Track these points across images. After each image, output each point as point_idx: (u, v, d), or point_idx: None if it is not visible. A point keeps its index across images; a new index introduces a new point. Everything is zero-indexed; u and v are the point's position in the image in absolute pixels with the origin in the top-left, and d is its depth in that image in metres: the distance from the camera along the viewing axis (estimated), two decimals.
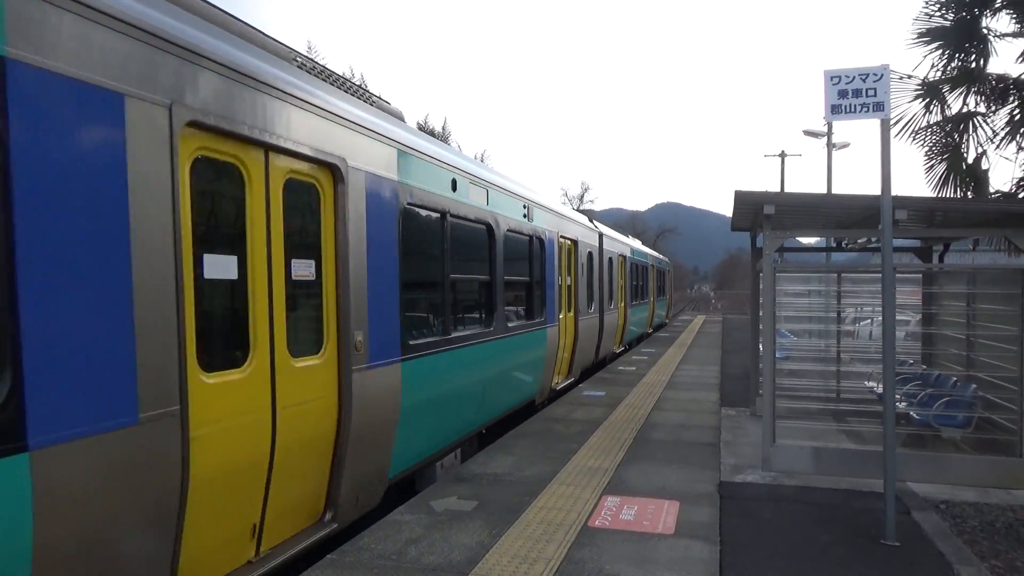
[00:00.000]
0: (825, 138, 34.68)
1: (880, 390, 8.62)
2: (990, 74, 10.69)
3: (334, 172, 6.03)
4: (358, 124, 6.39)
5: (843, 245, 11.28)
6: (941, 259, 10.89)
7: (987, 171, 10.87)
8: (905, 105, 11.02)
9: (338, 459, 6.21)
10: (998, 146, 10.56)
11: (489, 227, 9.42)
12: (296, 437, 5.62)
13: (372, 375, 6.51)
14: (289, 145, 5.43)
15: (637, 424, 11.43)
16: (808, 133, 35.37)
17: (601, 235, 17.49)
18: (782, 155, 43.92)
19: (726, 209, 10.38)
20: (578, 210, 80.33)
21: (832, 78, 6.91)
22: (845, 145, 35.18)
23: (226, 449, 4.93)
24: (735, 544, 6.58)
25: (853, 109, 6.87)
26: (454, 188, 8.24)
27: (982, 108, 10.82)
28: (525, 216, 10.85)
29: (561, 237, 12.82)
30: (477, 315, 9.32)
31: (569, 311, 14.14)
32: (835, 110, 6.91)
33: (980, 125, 10.70)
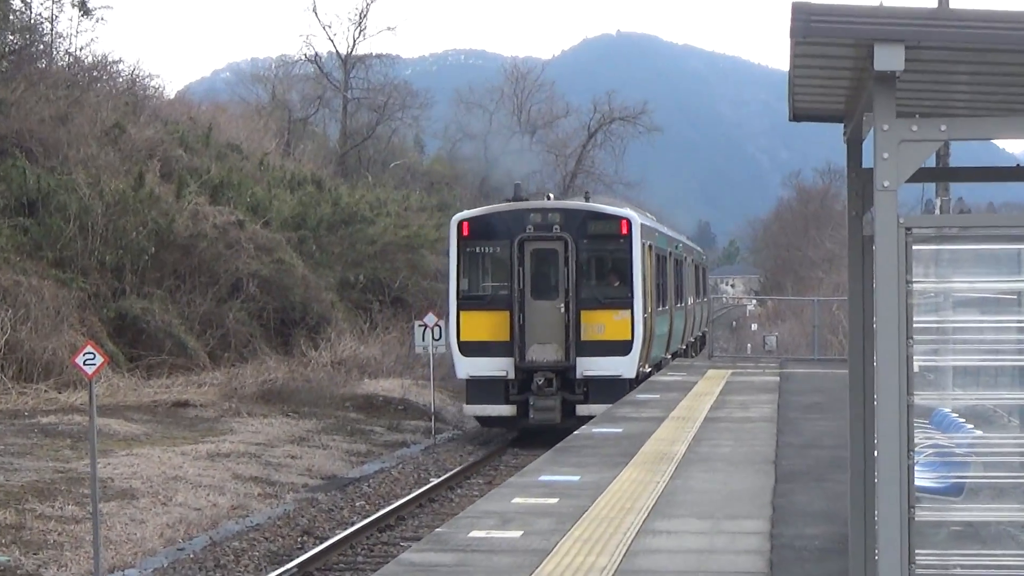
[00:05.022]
0: None
1: None
2: None
3: (650, 247, 24.24)
4: (651, 233, 25.45)
5: None
6: None
7: None
8: None
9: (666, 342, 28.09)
10: None
11: (667, 256, 28.11)
12: (660, 330, 26.26)
13: (657, 317, 25.41)
14: (650, 243, 24.48)
15: None
16: None
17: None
18: None
19: (779, 61, 3.62)
20: (349, 55, 52.19)
21: None
22: None
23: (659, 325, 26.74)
24: None
25: None
26: (658, 241, 26.05)
27: None
28: (678, 249, 31.01)
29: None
30: (670, 296, 28.20)
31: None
32: None
33: None
